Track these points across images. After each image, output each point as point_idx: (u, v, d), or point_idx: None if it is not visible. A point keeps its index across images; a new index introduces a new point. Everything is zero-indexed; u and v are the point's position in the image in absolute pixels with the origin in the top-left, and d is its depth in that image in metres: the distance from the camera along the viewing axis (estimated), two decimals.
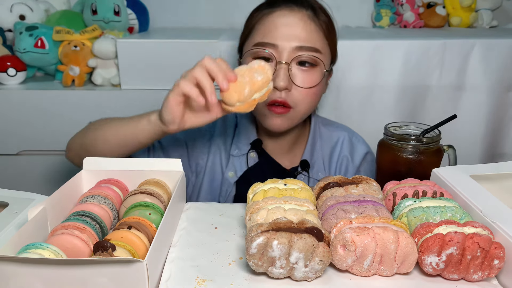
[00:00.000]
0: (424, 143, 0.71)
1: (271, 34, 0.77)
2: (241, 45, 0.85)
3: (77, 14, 1.43)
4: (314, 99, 0.80)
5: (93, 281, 0.43)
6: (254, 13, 0.83)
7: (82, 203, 0.57)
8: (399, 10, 1.55)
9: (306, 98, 0.78)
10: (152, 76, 1.22)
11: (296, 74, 0.77)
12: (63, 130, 1.25)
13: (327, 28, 0.80)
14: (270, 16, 0.78)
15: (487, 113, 1.23)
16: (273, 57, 0.77)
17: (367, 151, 0.91)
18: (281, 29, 0.76)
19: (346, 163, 0.90)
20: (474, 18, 1.54)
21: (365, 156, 0.90)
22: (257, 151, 0.87)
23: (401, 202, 0.55)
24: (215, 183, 0.88)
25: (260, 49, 0.77)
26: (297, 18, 0.77)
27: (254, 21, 0.81)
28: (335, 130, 0.92)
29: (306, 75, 0.77)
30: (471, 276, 0.47)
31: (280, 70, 0.76)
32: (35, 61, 1.27)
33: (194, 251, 0.53)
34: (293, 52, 0.76)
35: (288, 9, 0.78)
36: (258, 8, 0.83)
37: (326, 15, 0.81)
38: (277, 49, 0.76)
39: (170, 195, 0.62)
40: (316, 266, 0.46)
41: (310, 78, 0.78)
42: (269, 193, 0.56)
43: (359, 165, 0.90)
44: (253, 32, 0.80)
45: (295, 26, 0.76)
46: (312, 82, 0.78)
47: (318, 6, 0.81)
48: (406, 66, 1.19)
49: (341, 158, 0.90)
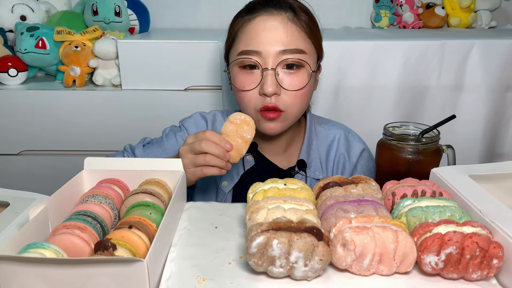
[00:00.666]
0: (423, 143, 0.72)
1: (253, 41, 0.77)
2: (227, 53, 0.85)
3: (78, 14, 1.43)
4: (304, 100, 0.80)
5: (94, 280, 0.43)
6: (236, 19, 0.83)
7: (83, 203, 0.57)
8: (398, 10, 1.55)
9: (296, 100, 0.78)
10: (152, 76, 1.23)
11: (283, 78, 0.77)
12: (64, 130, 1.26)
13: (309, 27, 0.80)
14: (251, 22, 0.78)
15: (486, 113, 1.23)
16: (258, 64, 0.77)
17: (363, 148, 0.91)
18: (263, 34, 0.76)
19: (343, 161, 0.90)
20: (473, 19, 1.54)
21: (361, 153, 0.90)
22: (253, 154, 0.88)
23: (400, 201, 0.55)
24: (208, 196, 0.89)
25: (244, 58, 0.77)
26: (277, 21, 0.77)
27: (236, 28, 0.81)
28: (330, 129, 0.92)
29: (293, 77, 0.77)
30: (470, 275, 0.48)
31: (267, 76, 0.76)
32: (36, 61, 1.28)
33: (194, 250, 0.54)
34: (277, 57, 0.76)
35: (268, 14, 0.78)
36: (238, 14, 0.83)
37: (307, 13, 0.81)
38: (261, 56, 0.76)
39: (170, 195, 0.62)
40: (316, 266, 0.46)
41: (297, 80, 0.78)
42: (269, 193, 0.56)
43: (356, 162, 0.90)
44: (236, 40, 0.80)
45: (277, 30, 0.76)
46: (300, 84, 0.78)
47: (297, 5, 0.80)
48: (405, 67, 1.19)
49: (338, 156, 0.90)
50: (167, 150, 0.88)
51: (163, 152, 0.88)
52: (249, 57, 0.77)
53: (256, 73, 0.77)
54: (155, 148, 0.88)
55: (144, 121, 1.23)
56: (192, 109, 0.96)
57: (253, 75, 0.78)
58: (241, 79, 0.79)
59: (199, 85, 1.24)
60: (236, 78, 0.80)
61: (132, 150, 0.89)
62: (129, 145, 0.90)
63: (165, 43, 1.21)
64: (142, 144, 0.90)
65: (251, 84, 0.77)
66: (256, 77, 0.77)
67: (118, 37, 1.26)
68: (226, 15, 0.85)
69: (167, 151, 0.88)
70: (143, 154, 0.88)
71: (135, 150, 0.88)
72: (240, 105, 0.83)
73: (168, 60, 1.21)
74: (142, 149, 0.88)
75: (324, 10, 0.83)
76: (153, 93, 1.23)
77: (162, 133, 0.92)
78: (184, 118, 0.94)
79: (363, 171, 0.90)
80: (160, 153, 0.88)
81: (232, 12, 0.85)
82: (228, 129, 0.70)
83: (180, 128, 0.92)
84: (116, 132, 1.24)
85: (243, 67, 0.79)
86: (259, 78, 0.77)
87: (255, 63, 0.77)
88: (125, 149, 0.90)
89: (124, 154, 0.88)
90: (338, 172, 0.89)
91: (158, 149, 0.88)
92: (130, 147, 0.89)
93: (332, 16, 0.83)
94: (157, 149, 0.88)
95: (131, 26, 1.42)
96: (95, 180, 0.64)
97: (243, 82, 0.78)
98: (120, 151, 0.90)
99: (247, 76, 0.78)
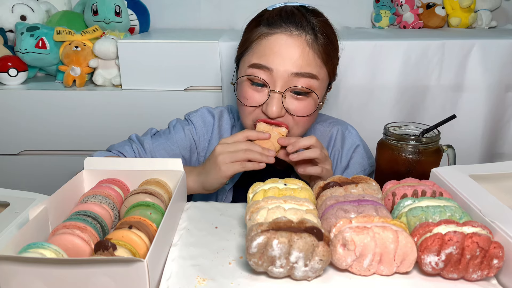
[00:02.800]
0: (423, 143, 0.72)
1: (266, 57, 0.75)
2: (239, 56, 0.83)
3: (78, 14, 1.43)
4: (308, 123, 0.80)
5: (94, 280, 0.43)
6: (254, 27, 0.80)
7: (83, 203, 0.57)
8: (399, 10, 1.56)
9: (300, 123, 0.78)
10: (152, 76, 1.23)
11: (290, 103, 0.76)
12: (64, 130, 1.26)
13: (326, 53, 0.78)
14: (268, 38, 0.76)
15: (486, 113, 1.23)
16: (267, 84, 0.76)
17: (357, 144, 0.90)
18: (278, 53, 0.75)
19: (337, 156, 0.89)
20: (473, 19, 1.54)
21: (355, 149, 0.89)
22: None
23: (400, 201, 0.55)
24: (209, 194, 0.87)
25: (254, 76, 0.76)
26: (296, 44, 0.75)
27: (252, 37, 0.79)
28: (329, 126, 0.92)
29: (300, 104, 0.77)
30: (471, 275, 0.48)
31: (273, 99, 0.75)
32: (36, 61, 1.28)
33: (194, 250, 0.54)
34: (288, 79, 0.75)
35: (288, 34, 0.75)
36: (258, 22, 0.80)
37: (327, 37, 0.78)
38: (271, 74, 0.75)
39: (170, 195, 0.62)
40: (316, 266, 0.46)
41: (304, 108, 0.77)
42: (269, 193, 0.56)
43: (349, 158, 0.89)
44: (250, 51, 0.79)
45: (293, 53, 0.74)
46: (306, 111, 0.77)
47: (320, 27, 0.78)
48: (406, 67, 1.19)
49: (334, 152, 0.90)
50: (175, 143, 0.87)
51: (171, 145, 0.87)
52: (259, 72, 0.76)
53: (263, 92, 0.76)
54: (163, 140, 0.87)
55: (144, 121, 1.23)
56: (192, 109, 0.96)
57: (259, 93, 0.77)
58: (248, 94, 0.78)
59: (199, 85, 1.24)
60: (243, 91, 0.79)
61: (140, 141, 0.86)
62: (135, 135, 0.88)
63: (165, 43, 1.21)
64: (150, 135, 0.89)
65: (257, 101, 0.77)
66: (263, 96, 0.76)
67: (118, 37, 1.26)
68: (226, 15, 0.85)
69: (176, 143, 0.87)
70: (152, 146, 0.86)
71: (144, 141, 0.86)
72: (240, 114, 0.83)
73: (168, 60, 1.21)
74: (151, 140, 0.86)
75: (324, 10, 0.82)
76: (153, 93, 1.23)
77: (169, 125, 0.91)
78: (190, 112, 0.93)
79: (355, 168, 0.89)
80: (169, 146, 0.86)
81: (232, 12, 0.85)
82: (262, 127, 0.75)
83: (188, 122, 0.91)
84: (116, 132, 1.24)
85: (251, 83, 0.78)
86: (265, 97, 0.76)
87: (263, 82, 0.76)
88: (131, 138, 0.87)
89: (133, 145, 0.86)
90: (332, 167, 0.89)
91: (167, 142, 0.87)
92: (137, 137, 0.87)
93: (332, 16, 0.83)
94: (166, 141, 0.87)
95: (131, 26, 1.42)
96: (95, 180, 0.64)
97: (249, 98, 0.77)
98: (127, 140, 0.87)
99: (254, 93, 0.77)
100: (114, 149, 0.85)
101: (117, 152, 0.84)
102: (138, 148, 0.85)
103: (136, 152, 0.84)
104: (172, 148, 0.87)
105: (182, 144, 0.87)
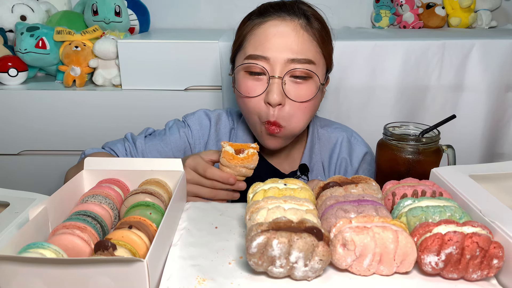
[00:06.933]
0: (423, 143, 0.72)
1: (262, 46, 0.74)
2: (234, 55, 0.83)
3: (78, 14, 1.43)
4: (307, 113, 0.78)
5: (94, 280, 0.43)
6: (246, 22, 0.80)
7: (83, 203, 0.57)
8: (399, 10, 1.56)
9: (299, 112, 0.76)
10: (152, 76, 1.23)
11: (290, 88, 0.75)
12: (64, 130, 1.26)
13: (321, 36, 0.77)
14: (261, 26, 0.76)
15: (486, 113, 1.23)
16: (265, 71, 0.75)
17: (365, 152, 0.89)
18: (273, 40, 0.74)
19: (345, 165, 0.89)
20: (473, 19, 1.54)
21: (364, 157, 0.89)
22: None
23: (400, 201, 0.55)
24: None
25: (252, 63, 0.75)
26: (289, 28, 0.74)
27: (245, 31, 0.79)
28: (333, 132, 0.91)
29: (301, 88, 0.75)
30: (470, 275, 0.48)
31: (273, 85, 0.74)
32: (36, 61, 1.28)
33: (194, 250, 0.54)
34: (285, 65, 0.74)
35: (280, 19, 0.75)
36: (249, 17, 0.80)
37: (320, 22, 0.79)
38: (269, 62, 0.74)
39: (170, 195, 0.62)
40: (316, 266, 0.46)
41: (305, 92, 0.75)
42: (269, 193, 0.56)
43: (358, 167, 0.89)
44: (245, 43, 0.78)
45: (288, 37, 0.74)
46: (307, 95, 0.76)
47: (311, 13, 0.78)
48: (406, 67, 1.19)
49: (340, 160, 0.89)
50: (169, 144, 0.87)
51: (164, 146, 0.87)
52: (256, 62, 0.75)
53: (263, 80, 0.75)
54: (157, 141, 0.87)
55: (144, 121, 1.22)
56: (192, 109, 0.96)
57: (259, 82, 0.76)
58: (247, 85, 0.76)
59: (199, 85, 1.24)
60: (242, 83, 0.78)
61: (134, 140, 0.87)
62: (131, 134, 0.88)
63: (165, 43, 1.21)
64: (144, 135, 0.89)
65: (257, 91, 0.76)
66: (262, 84, 0.75)
67: (118, 37, 1.26)
68: (226, 15, 0.85)
69: (169, 145, 0.87)
70: (144, 146, 0.86)
71: (136, 140, 0.86)
72: (243, 111, 0.82)
73: (168, 60, 1.21)
74: (143, 140, 0.87)
75: (324, 10, 0.82)
76: (153, 93, 1.24)
77: (165, 126, 0.91)
78: (188, 114, 0.92)
79: (365, 174, 0.89)
80: (162, 147, 0.87)
81: (232, 12, 0.85)
82: (229, 162, 0.69)
83: (184, 124, 0.91)
84: (116, 132, 1.23)
85: (249, 73, 0.76)
86: (265, 85, 0.75)
87: (262, 70, 0.75)
88: (126, 137, 0.88)
89: (125, 143, 0.86)
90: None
91: (160, 143, 0.87)
92: (131, 136, 0.88)
93: (332, 16, 0.83)
94: (159, 142, 0.87)
95: (131, 26, 1.42)
96: (95, 180, 0.64)
97: (249, 88, 0.76)
98: (121, 139, 0.88)
99: (253, 82, 0.76)
100: (107, 146, 0.86)
101: (109, 149, 0.84)
102: (130, 147, 0.85)
103: (128, 150, 0.84)
104: (165, 150, 0.87)
105: (176, 146, 0.87)
